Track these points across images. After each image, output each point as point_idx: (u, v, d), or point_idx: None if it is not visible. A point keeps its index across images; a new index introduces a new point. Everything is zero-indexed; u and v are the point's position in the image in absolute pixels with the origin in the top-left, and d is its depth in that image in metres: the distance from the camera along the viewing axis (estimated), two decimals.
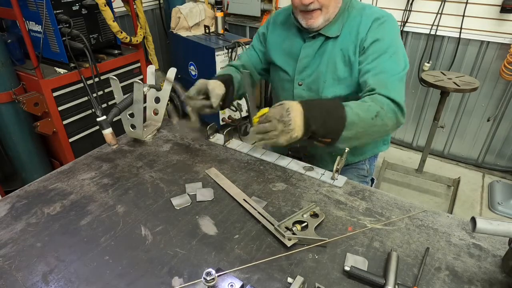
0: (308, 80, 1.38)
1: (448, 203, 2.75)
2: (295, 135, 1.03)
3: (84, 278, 0.83)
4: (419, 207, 1.06)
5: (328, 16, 1.27)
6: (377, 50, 1.22)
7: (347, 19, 1.30)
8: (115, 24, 2.32)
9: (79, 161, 1.28)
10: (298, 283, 0.77)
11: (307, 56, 1.36)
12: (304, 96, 1.40)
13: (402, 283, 0.81)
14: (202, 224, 0.99)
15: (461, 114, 3.06)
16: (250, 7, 3.58)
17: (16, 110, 2.18)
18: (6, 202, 1.07)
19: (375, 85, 1.17)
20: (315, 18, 1.26)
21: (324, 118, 1.05)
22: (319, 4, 1.23)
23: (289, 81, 1.43)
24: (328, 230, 0.97)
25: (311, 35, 1.34)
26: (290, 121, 1.02)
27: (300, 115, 1.03)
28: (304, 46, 1.36)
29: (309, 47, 1.35)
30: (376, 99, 1.14)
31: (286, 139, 1.03)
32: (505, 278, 0.83)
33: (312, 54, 1.35)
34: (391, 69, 1.20)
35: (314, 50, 1.34)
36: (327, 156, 1.48)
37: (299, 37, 1.39)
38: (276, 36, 1.47)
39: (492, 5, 2.58)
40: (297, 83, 1.41)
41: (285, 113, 1.02)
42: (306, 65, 1.37)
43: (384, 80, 1.18)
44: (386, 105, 1.13)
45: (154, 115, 1.45)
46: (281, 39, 1.45)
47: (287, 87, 1.45)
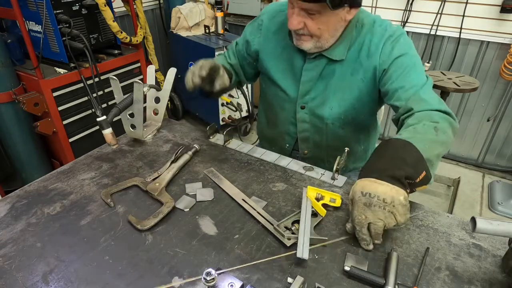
0: (312, 105, 1.30)
1: (448, 203, 2.75)
2: (401, 201, 0.84)
3: (84, 278, 0.83)
4: (419, 207, 1.06)
5: (321, 44, 1.16)
6: (400, 66, 1.13)
7: (356, 39, 1.19)
8: (115, 24, 2.32)
9: (79, 161, 1.28)
10: (298, 283, 0.77)
11: (310, 80, 1.26)
12: (307, 121, 1.34)
13: (402, 283, 0.81)
14: (202, 224, 0.99)
15: (461, 114, 3.06)
16: (250, 7, 3.58)
17: (16, 110, 2.18)
18: (6, 202, 1.07)
19: (411, 104, 1.07)
20: (304, 41, 1.16)
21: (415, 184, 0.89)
22: (308, 31, 1.13)
23: (290, 102, 1.34)
24: (328, 230, 0.97)
25: (312, 56, 1.22)
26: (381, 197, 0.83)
27: (384, 185, 0.85)
28: (305, 68, 1.25)
29: (311, 70, 1.25)
30: (421, 117, 1.02)
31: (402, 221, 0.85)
32: (505, 278, 0.83)
33: (316, 77, 1.25)
34: (419, 81, 1.11)
35: (317, 74, 1.25)
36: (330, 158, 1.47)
37: (298, 54, 1.26)
38: (272, 47, 1.33)
39: (492, 5, 2.58)
40: (299, 106, 1.32)
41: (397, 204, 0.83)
42: (309, 89, 1.28)
43: (417, 94, 1.08)
44: (437, 117, 1.02)
45: (154, 115, 1.45)
46: (278, 50, 1.31)
47: (288, 108, 1.36)
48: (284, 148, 1.49)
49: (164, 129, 1.50)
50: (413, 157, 0.89)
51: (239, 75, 1.49)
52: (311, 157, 1.44)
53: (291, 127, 1.41)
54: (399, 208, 0.83)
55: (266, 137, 1.60)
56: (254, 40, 1.37)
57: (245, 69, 1.48)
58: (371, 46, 1.17)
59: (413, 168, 0.88)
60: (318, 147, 1.41)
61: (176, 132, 1.48)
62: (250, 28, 1.40)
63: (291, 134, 1.43)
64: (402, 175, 0.86)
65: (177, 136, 1.45)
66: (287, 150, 1.48)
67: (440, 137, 0.97)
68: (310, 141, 1.40)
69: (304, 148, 1.43)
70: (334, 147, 1.37)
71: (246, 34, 1.41)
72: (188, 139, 1.43)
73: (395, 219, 0.84)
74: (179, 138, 1.44)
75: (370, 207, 0.84)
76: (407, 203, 0.85)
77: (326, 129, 1.34)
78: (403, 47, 1.16)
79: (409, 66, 1.13)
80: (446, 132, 1.00)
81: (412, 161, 0.88)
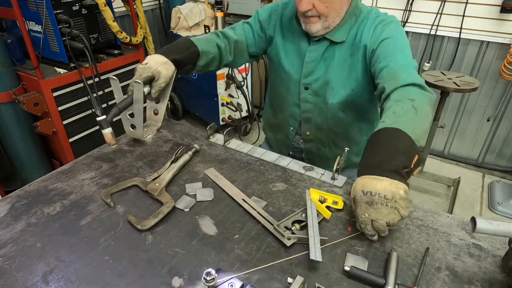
0: (315, 86, 1.37)
1: (448, 203, 2.75)
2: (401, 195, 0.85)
3: (84, 278, 0.83)
4: (419, 207, 1.06)
5: (328, 24, 1.26)
6: (387, 47, 1.20)
7: (354, 23, 1.29)
8: (115, 24, 2.32)
9: (79, 161, 1.28)
10: (298, 283, 0.77)
11: (313, 61, 1.34)
12: (310, 101, 1.40)
13: (402, 283, 0.81)
14: (202, 224, 0.99)
15: (461, 114, 3.06)
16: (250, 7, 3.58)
17: (16, 110, 2.18)
18: (6, 202, 1.07)
19: (389, 84, 1.11)
20: (313, 23, 1.26)
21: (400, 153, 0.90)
22: (316, 12, 1.23)
23: (295, 84, 1.41)
24: (328, 230, 0.97)
25: (316, 38, 1.32)
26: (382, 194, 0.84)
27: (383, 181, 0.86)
28: (309, 50, 1.35)
29: (314, 51, 1.34)
30: (398, 98, 1.05)
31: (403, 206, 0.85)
32: (505, 278, 0.83)
33: (318, 59, 1.34)
34: (403, 62, 1.16)
35: (319, 54, 1.33)
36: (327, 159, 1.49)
37: (304, 37, 1.37)
38: (283, 37, 1.43)
39: (492, 5, 2.58)
40: (303, 86, 1.39)
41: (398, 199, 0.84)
42: (312, 70, 1.35)
43: (397, 73, 1.12)
44: (412, 93, 1.05)
45: (154, 115, 1.45)
46: (288, 39, 1.42)
47: (293, 90, 1.43)
48: (288, 133, 1.52)
49: (164, 129, 1.50)
50: (404, 143, 0.90)
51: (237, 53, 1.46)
52: (312, 139, 1.47)
53: (295, 109, 1.46)
54: (401, 202, 0.84)
55: (271, 125, 1.65)
56: (270, 24, 1.44)
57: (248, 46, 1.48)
58: (365, 29, 1.26)
59: (406, 156, 0.89)
60: (319, 130, 1.45)
61: (176, 132, 1.48)
62: (264, 13, 1.46)
63: (295, 116, 1.47)
64: (399, 165, 0.87)
65: (177, 136, 1.45)
66: (291, 134, 1.51)
67: (420, 114, 0.99)
68: (312, 122, 1.44)
69: (307, 129, 1.46)
70: (335, 131, 1.42)
71: (259, 17, 1.46)
72: (188, 139, 1.43)
73: (399, 214, 0.85)
74: (179, 138, 1.44)
75: (372, 205, 0.85)
76: (407, 196, 0.86)
77: (327, 110, 1.39)
78: (392, 31, 1.23)
79: (396, 48, 1.19)
80: (423, 108, 1.01)
81: (405, 148, 0.90)
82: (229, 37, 1.43)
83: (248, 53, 1.50)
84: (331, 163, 1.42)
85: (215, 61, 1.39)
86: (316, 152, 1.49)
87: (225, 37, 1.43)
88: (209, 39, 1.38)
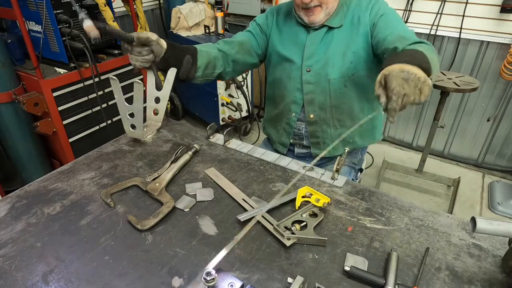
0: (317, 66, 1.42)
1: (448, 203, 2.75)
2: (429, 82, 0.93)
3: (84, 278, 0.83)
4: (419, 207, 1.06)
5: (328, 11, 1.36)
6: (387, 19, 1.32)
7: (348, 9, 1.40)
8: (115, 24, 2.32)
9: (79, 161, 1.28)
10: (298, 283, 0.77)
11: (314, 44, 1.42)
12: (312, 82, 1.45)
13: (402, 283, 0.81)
14: (202, 224, 0.99)
15: (461, 114, 3.06)
16: (250, 7, 3.58)
17: (16, 110, 2.18)
18: (6, 202, 1.07)
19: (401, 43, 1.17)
20: (316, 14, 1.35)
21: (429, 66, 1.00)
22: (318, 1, 1.32)
23: (297, 69, 1.46)
24: (328, 230, 0.97)
25: (315, 27, 1.40)
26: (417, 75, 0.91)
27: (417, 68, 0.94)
28: (309, 37, 1.43)
29: (314, 36, 1.42)
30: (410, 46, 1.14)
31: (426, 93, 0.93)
32: (505, 278, 0.83)
33: (318, 42, 1.41)
34: (405, 29, 1.29)
35: (319, 38, 1.41)
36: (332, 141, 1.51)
37: (303, 30, 1.44)
38: (280, 32, 1.51)
39: (492, 5, 2.58)
40: (305, 69, 1.44)
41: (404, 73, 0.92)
42: (313, 52, 1.42)
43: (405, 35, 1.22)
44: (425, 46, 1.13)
45: (154, 115, 1.45)
46: (285, 31, 1.49)
47: (294, 75, 1.47)
48: (290, 119, 1.54)
49: (164, 129, 1.50)
50: (425, 60, 1.00)
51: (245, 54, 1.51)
52: (317, 121, 1.49)
53: (297, 94, 1.49)
54: (426, 89, 0.93)
55: (272, 118, 1.68)
56: (268, 25, 1.55)
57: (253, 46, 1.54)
58: (361, 11, 1.37)
59: (428, 67, 0.99)
60: (323, 109, 1.48)
61: (176, 132, 1.48)
62: (260, 18, 1.58)
63: (298, 101, 1.50)
64: (426, 67, 0.97)
65: (177, 136, 1.45)
66: (293, 121, 1.54)
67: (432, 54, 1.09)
68: (315, 103, 1.47)
69: (310, 112, 1.49)
70: (338, 107, 1.47)
71: (257, 22, 1.57)
72: (188, 139, 1.43)
73: (419, 97, 0.93)
74: (179, 138, 1.44)
75: (407, 81, 0.92)
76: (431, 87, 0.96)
77: (329, 87, 1.44)
78: (387, 8, 1.37)
79: (395, 20, 1.33)
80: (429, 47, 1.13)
81: (426, 62, 1.00)
82: (231, 42, 1.49)
83: (256, 53, 1.55)
84: (337, 145, 1.49)
85: (218, 61, 1.40)
86: (321, 134, 1.52)
87: (226, 43, 1.47)
88: (208, 44, 1.45)
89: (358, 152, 1.63)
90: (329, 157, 1.59)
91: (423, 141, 3.21)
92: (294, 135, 1.57)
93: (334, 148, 1.51)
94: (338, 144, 1.48)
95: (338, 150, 1.54)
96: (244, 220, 0.98)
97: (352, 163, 1.61)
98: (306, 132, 1.54)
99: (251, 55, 1.54)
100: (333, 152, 1.54)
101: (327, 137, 1.52)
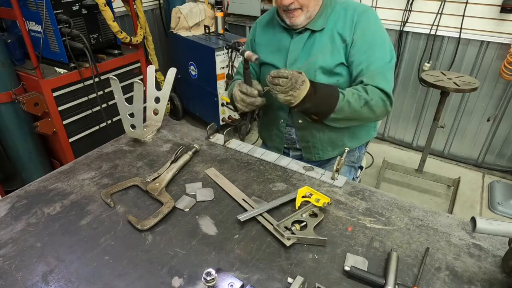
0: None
1: (448, 203, 2.75)
2: (293, 101, 1.18)
3: (84, 278, 0.83)
4: (419, 207, 1.06)
5: (309, 14, 1.36)
6: (366, 42, 1.33)
7: (331, 12, 1.39)
8: (115, 24, 2.32)
9: (79, 161, 1.28)
10: (298, 283, 0.77)
11: (296, 49, 1.42)
12: None
13: (402, 283, 0.81)
14: (202, 224, 0.99)
15: (461, 114, 3.05)
16: (250, 7, 3.58)
17: (16, 110, 2.18)
18: (6, 202, 1.07)
19: (367, 78, 1.30)
20: (297, 16, 1.35)
21: (319, 102, 1.23)
22: (299, 4, 1.32)
23: None
24: (328, 230, 0.97)
25: (298, 30, 1.41)
26: (298, 90, 1.17)
27: (305, 92, 1.18)
28: (292, 41, 1.43)
29: (297, 41, 1.42)
30: (367, 90, 1.27)
31: (286, 99, 1.18)
32: (505, 278, 0.83)
33: (301, 47, 1.42)
34: (380, 60, 1.32)
35: (302, 43, 1.41)
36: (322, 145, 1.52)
37: (286, 34, 1.45)
38: (264, 37, 1.54)
39: (492, 5, 2.57)
40: None
41: (300, 82, 1.17)
42: (296, 57, 1.43)
43: (374, 71, 1.30)
44: (376, 95, 1.27)
45: (154, 115, 1.45)
46: (269, 38, 1.52)
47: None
48: (279, 125, 1.56)
49: (164, 129, 1.50)
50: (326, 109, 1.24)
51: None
52: (305, 125, 1.50)
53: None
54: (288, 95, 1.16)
55: (264, 124, 1.71)
56: (254, 41, 1.59)
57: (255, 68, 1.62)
58: (346, 18, 1.36)
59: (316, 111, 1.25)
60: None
61: (176, 132, 1.48)
62: (251, 34, 1.63)
63: (284, 107, 1.51)
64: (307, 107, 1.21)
65: (177, 136, 1.45)
66: (282, 126, 1.55)
67: (363, 109, 1.26)
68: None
69: (299, 117, 1.49)
70: None
71: (250, 37, 1.63)
72: (188, 139, 1.43)
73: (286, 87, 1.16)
74: (179, 138, 1.44)
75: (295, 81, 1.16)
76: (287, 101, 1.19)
77: None
78: (372, 24, 1.35)
79: (375, 43, 1.33)
80: (372, 108, 1.27)
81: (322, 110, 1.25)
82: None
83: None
84: (327, 148, 1.52)
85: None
86: (311, 139, 1.52)
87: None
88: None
89: (355, 150, 1.63)
90: (320, 160, 1.58)
91: (423, 141, 3.21)
92: (286, 140, 1.58)
93: (324, 152, 1.54)
94: (328, 148, 1.53)
95: (328, 154, 1.54)
96: (244, 220, 0.98)
97: (351, 161, 1.62)
98: (297, 136, 1.55)
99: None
100: (324, 155, 1.55)
101: (317, 142, 1.52)
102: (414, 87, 3.14)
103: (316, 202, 1.02)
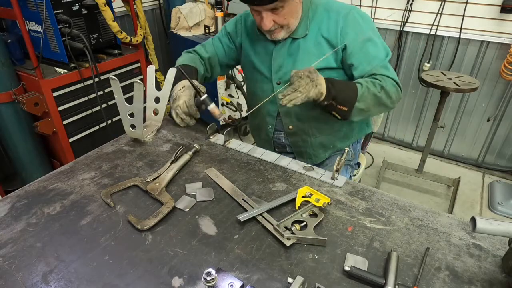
0: (286, 78, 1.41)
1: (448, 203, 2.75)
2: (321, 90, 1.14)
3: (84, 278, 0.83)
4: (419, 207, 1.06)
5: (290, 29, 1.35)
6: (360, 42, 1.32)
7: (314, 16, 1.37)
8: (115, 24, 2.32)
9: (79, 161, 1.28)
10: (298, 283, 0.77)
11: (280, 56, 1.42)
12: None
13: (402, 283, 0.81)
14: (202, 224, 0.99)
15: (461, 114, 3.06)
16: None
17: (16, 110, 2.18)
18: (6, 202, 1.07)
19: (373, 71, 1.30)
20: (278, 33, 1.35)
21: (342, 87, 1.20)
22: (278, 25, 1.31)
23: (268, 82, 1.48)
24: (328, 230, 0.97)
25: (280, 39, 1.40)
26: (318, 77, 1.14)
27: (322, 77, 1.17)
28: (276, 49, 1.42)
29: (280, 49, 1.41)
30: (377, 78, 1.28)
31: (315, 92, 1.13)
32: (505, 278, 0.83)
33: (285, 54, 1.41)
34: (378, 55, 1.32)
35: (285, 50, 1.41)
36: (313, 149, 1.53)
37: (269, 41, 1.44)
38: (251, 40, 1.52)
39: (492, 5, 2.58)
40: (275, 82, 1.45)
41: (312, 71, 1.15)
42: (281, 64, 1.42)
43: (377, 65, 1.31)
44: (388, 81, 1.28)
45: (154, 115, 1.45)
46: (256, 42, 1.50)
47: (266, 87, 1.49)
48: (267, 130, 1.57)
49: (164, 129, 1.50)
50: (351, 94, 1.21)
51: (211, 68, 1.59)
52: (296, 131, 1.50)
53: (270, 106, 1.50)
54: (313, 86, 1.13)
55: (253, 127, 1.72)
56: (237, 34, 1.55)
57: (220, 59, 1.60)
58: (330, 21, 1.34)
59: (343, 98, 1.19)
60: (300, 120, 1.48)
61: (176, 132, 1.48)
62: (230, 25, 1.58)
63: (271, 113, 1.52)
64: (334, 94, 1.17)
65: (177, 136, 1.45)
66: (270, 132, 1.56)
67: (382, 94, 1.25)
68: (292, 115, 1.48)
69: (289, 123, 1.50)
70: (316, 117, 1.46)
71: (227, 30, 1.58)
72: (188, 139, 1.43)
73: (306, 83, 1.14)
74: (179, 138, 1.44)
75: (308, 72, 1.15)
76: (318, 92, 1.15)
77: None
78: (360, 23, 1.34)
79: (369, 40, 1.32)
80: (388, 93, 1.26)
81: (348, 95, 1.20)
82: (202, 56, 1.54)
83: (220, 65, 1.61)
84: (318, 152, 1.53)
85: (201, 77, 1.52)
86: (302, 144, 1.53)
87: (200, 57, 1.55)
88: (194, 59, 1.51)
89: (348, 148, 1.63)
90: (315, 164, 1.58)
91: (423, 141, 3.21)
92: (277, 144, 1.60)
93: (316, 156, 1.55)
94: (320, 151, 1.54)
95: (320, 157, 1.55)
96: (244, 220, 0.98)
97: (347, 160, 1.62)
98: (287, 141, 1.56)
99: (215, 70, 1.60)
100: (316, 159, 1.56)
101: (308, 146, 1.53)
102: (414, 87, 3.14)
103: (316, 202, 1.02)
